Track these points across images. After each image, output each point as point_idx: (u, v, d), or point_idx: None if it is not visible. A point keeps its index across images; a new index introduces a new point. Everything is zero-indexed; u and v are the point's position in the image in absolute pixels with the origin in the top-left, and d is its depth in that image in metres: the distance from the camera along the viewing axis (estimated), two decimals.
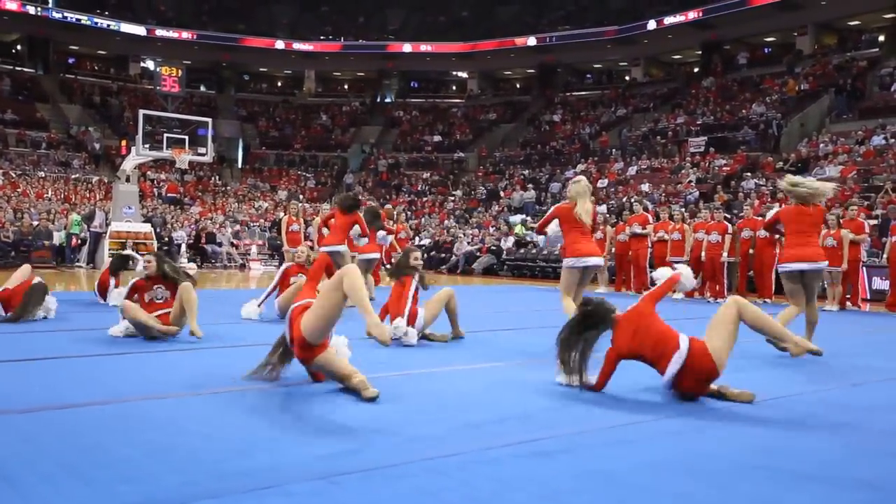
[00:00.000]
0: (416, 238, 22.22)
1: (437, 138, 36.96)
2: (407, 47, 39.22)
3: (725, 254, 12.26)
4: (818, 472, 3.11)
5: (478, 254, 20.71)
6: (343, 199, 10.25)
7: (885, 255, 11.52)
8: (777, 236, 12.13)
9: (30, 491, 2.60)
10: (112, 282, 8.63)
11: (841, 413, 4.25)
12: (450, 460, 3.08)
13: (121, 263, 8.92)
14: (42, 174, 27.95)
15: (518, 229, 21.44)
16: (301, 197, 30.11)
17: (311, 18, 41.28)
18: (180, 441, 3.24)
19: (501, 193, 28.59)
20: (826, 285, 11.69)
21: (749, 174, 21.48)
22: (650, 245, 13.52)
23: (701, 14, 31.30)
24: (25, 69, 35.40)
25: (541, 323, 8.42)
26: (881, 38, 28.93)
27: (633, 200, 17.99)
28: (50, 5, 34.59)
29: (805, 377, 5.41)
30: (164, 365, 5.21)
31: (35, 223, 19.58)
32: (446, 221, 25.90)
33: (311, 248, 18.05)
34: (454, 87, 42.96)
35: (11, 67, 35.09)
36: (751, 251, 12.54)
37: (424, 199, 31.02)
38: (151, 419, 3.66)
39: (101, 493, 2.58)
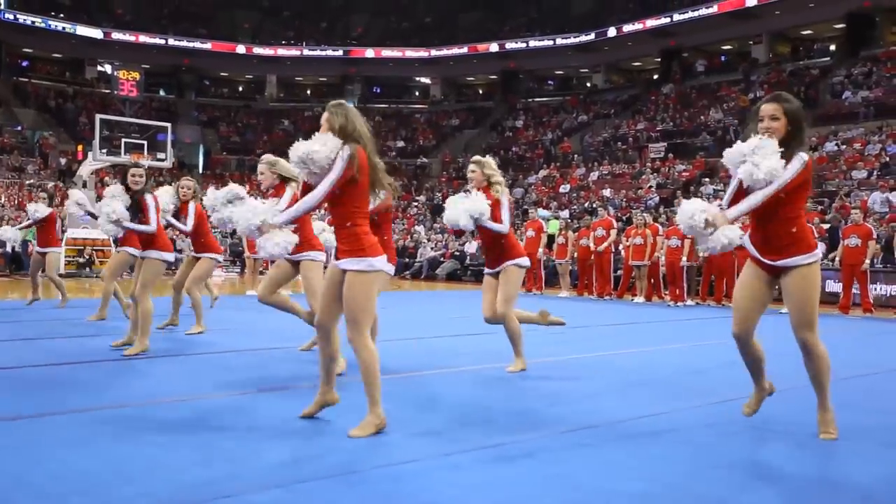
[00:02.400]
0: None
1: (400, 144, 36.95)
2: (370, 53, 39.15)
3: (685, 258, 12.46)
4: (769, 473, 3.18)
5: (441, 259, 20.72)
6: None
7: (837, 259, 11.82)
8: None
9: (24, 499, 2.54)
10: None
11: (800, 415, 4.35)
12: (410, 466, 3.08)
13: None
14: None
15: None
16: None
17: (273, 23, 40.97)
18: (136, 451, 3.20)
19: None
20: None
21: (708, 179, 21.87)
22: (614, 250, 13.70)
23: (660, 22, 31.81)
24: None
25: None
26: (832, 47, 29.74)
27: (595, 205, 18.23)
28: (1, 6, 33.77)
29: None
30: (119, 374, 5.12)
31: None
32: (415, 227, 25.83)
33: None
34: (417, 93, 43.00)
35: None
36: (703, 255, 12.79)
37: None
38: (107, 430, 3.60)
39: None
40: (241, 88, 42.76)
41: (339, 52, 39.21)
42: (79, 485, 2.75)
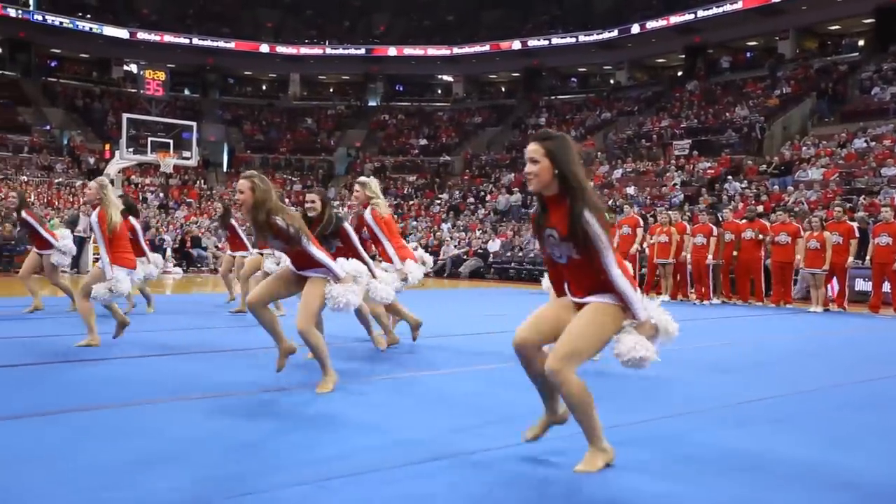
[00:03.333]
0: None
1: (422, 142, 36.96)
2: (392, 51, 39.21)
3: (711, 256, 12.35)
4: (802, 473, 3.14)
5: (464, 257, 20.71)
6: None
7: (867, 258, 11.65)
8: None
9: (16, 499, 2.57)
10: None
11: (819, 414, 4.29)
12: (437, 464, 3.08)
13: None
14: (24, 178, 27.69)
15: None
16: (287, 200, 30.01)
17: (296, 22, 41.18)
18: (167, 447, 3.23)
19: (487, 197, 28.62)
20: (810, 287, 11.82)
21: (731, 177, 21.64)
22: (640, 247, 13.53)
23: (684, 18, 31.53)
24: (6, 72, 35.05)
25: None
26: (861, 42, 29.25)
27: (619, 203, 18.03)
28: (31, 8, 34.27)
29: (782, 380, 5.46)
30: (148, 371, 5.18)
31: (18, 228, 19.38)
32: (443, 225, 25.76)
33: None
34: (440, 91, 43.00)
35: None
36: (734, 253, 12.65)
37: (410, 202, 31.01)
38: (137, 425, 3.64)
39: (88, 501, 2.56)
40: (264, 87, 43.04)
41: (362, 51, 39.33)
42: (110, 479, 2.78)
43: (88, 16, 35.95)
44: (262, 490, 2.71)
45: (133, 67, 36.50)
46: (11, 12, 33.22)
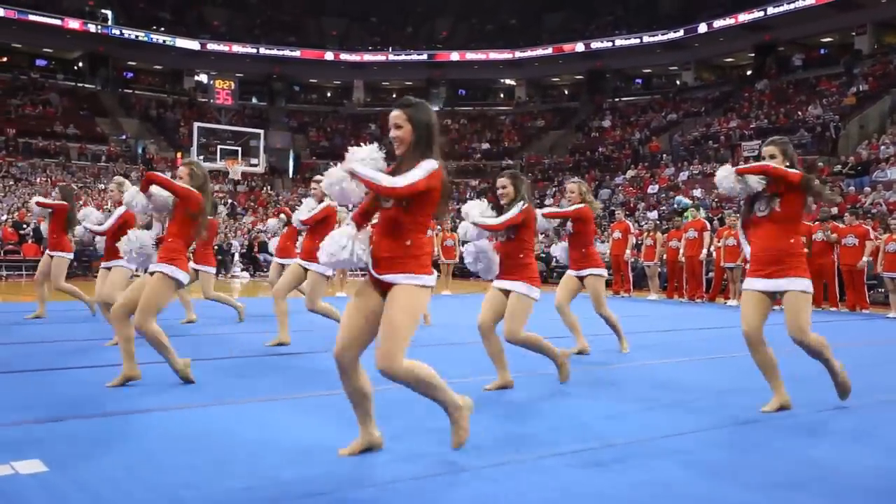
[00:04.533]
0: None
1: (485, 146, 36.97)
2: (454, 56, 39.39)
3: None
4: (875, 485, 3.02)
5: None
6: None
7: None
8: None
9: (98, 494, 2.69)
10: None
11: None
12: (502, 469, 3.09)
13: None
14: (102, 186, 28.84)
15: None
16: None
17: (360, 29, 41.77)
18: (238, 448, 3.32)
19: (550, 200, 28.44)
20: (889, 292, 11.36)
21: None
22: (708, 251, 13.27)
23: (753, 16, 30.72)
24: (86, 85, 36.66)
25: (591, 331, 8.37)
26: None
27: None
28: (109, 23, 35.77)
29: (856, 389, 5.25)
30: (218, 372, 5.33)
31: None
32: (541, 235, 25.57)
33: None
34: (502, 95, 42.96)
35: (73, 84, 36.39)
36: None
37: None
38: (210, 425, 3.76)
39: (164, 498, 2.66)
40: (329, 94, 43.77)
41: (424, 56, 39.61)
42: (185, 478, 2.88)
43: (162, 29, 37.27)
44: (331, 491, 2.76)
45: (203, 78, 37.70)
46: (92, 28, 34.73)
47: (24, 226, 18.81)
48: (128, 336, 4.70)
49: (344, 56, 39.57)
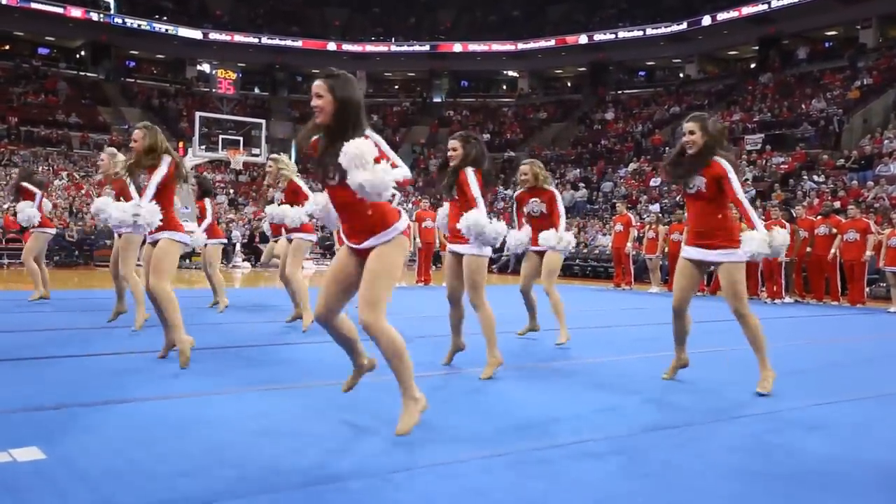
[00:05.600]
0: None
1: (487, 137, 36.89)
2: (457, 47, 39.27)
3: (784, 253, 11.95)
4: (874, 480, 3.02)
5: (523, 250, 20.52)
6: None
7: None
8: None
9: (96, 483, 2.69)
10: None
11: None
12: (499, 460, 3.09)
13: None
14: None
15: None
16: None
17: (362, 20, 41.64)
18: (236, 437, 3.32)
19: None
20: (890, 287, 11.35)
21: (806, 172, 20.90)
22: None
23: (758, 8, 30.58)
24: (88, 74, 36.60)
25: (588, 323, 8.37)
26: None
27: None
28: (112, 12, 35.68)
29: (859, 383, 5.25)
30: (216, 360, 5.33)
31: (98, 223, 20.22)
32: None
33: None
34: (505, 87, 42.85)
35: (75, 72, 36.34)
36: (808, 250, 12.23)
37: None
38: (208, 414, 3.76)
39: (163, 487, 2.66)
40: None
41: (427, 48, 39.50)
42: (183, 467, 2.88)
43: (165, 18, 37.18)
44: (329, 482, 2.76)
45: (206, 67, 37.59)
46: (94, 16, 34.66)
47: None
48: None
49: (346, 47, 39.48)
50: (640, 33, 35.03)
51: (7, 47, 35.83)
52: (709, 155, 4.48)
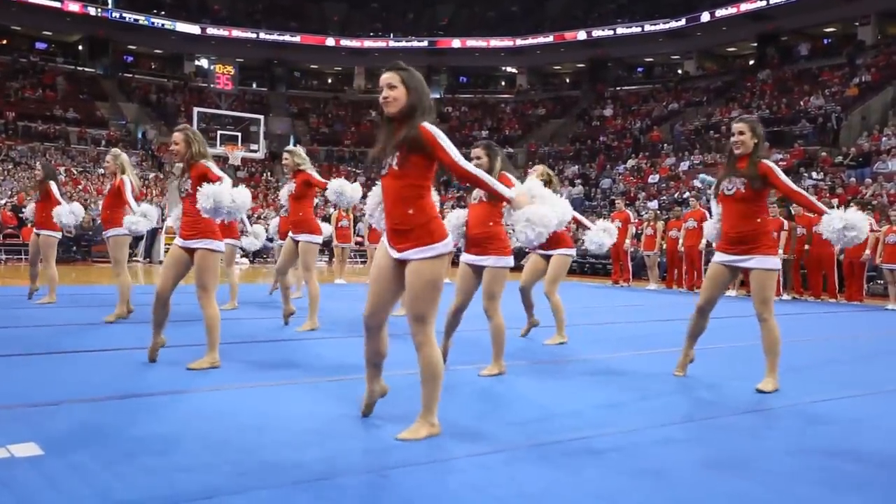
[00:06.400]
0: None
1: (486, 134, 36.87)
2: (455, 43, 39.21)
3: (781, 251, 11.97)
4: (873, 476, 3.02)
5: (527, 250, 20.56)
6: None
7: None
8: None
9: (94, 478, 2.69)
10: None
11: None
12: (498, 456, 3.09)
13: None
14: (102, 171, 28.77)
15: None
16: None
17: (361, 15, 41.56)
18: (235, 433, 3.32)
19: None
20: (888, 284, 11.36)
21: (804, 169, 20.90)
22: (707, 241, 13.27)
23: (756, 5, 30.56)
24: (86, 69, 36.48)
25: (586, 320, 8.37)
26: None
27: (688, 196, 17.73)
28: (109, 6, 35.56)
29: (857, 379, 5.26)
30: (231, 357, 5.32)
31: (95, 219, 20.17)
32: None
33: (360, 243, 18.27)
34: (503, 83, 42.80)
35: (73, 67, 36.22)
36: (806, 248, 12.24)
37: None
38: (207, 410, 3.76)
39: (159, 481, 2.66)
40: (329, 80, 43.62)
41: (425, 43, 39.44)
42: (181, 462, 2.88)
43: (163, 13, 37.06)
44: (326, 478, 2.76)
45: (204, 62, 37.53)
46: (92, 11, 34.55)
47: (24, 209, 18.77)
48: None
49: (344, 42, 39.40)
50: (639, 29, 35.01)
51: (4, 41, 35.71)
52: (755, 156, 4.51)
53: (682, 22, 33.46)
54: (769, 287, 4.52)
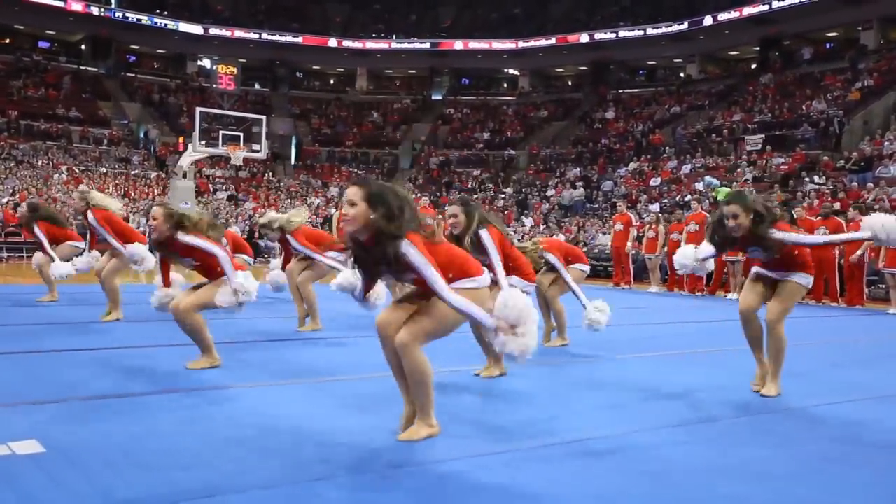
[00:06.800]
0: None
1: (487, 136, 36.88)
2: (458, 45, 39.21)
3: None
4: (874, 480, 3.02)
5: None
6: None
7: None
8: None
9: (95, 476, 2.69)
10: None
11: None
12: (498, 456, 3.09)
13: None
14: (104, 170, 28.82)
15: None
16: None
17: (363, 16, 41.58)
18: (235, 432, 3.32)
19: (552, 191, 28.40)
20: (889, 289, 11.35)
21: (806, 173, 20.89)
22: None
23: (759, 9, 30.57)
24: (89, 68, 36.51)
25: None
26: None
27: (689, 199, 17.70)
28: (112, 6, 35.59)
29: (857, 384, 5.25)
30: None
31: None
32: (521, 218, 25.64)
33: None
34: (505, 85, 42.80)
35: (76, 67, 36.23)
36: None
37: (475, 196, 30.99)
38: (207, 409, 3.76)
39: (159, 480, 2.66)
40: (332, 81, 43.63)
41: (427, 45, 39.44)
42: (180, 460, 2.88)
43: (165, 13, 37.09)
44: (326, 477, 2.76)
45: (206, 63, 37.56)
46: (95, 10, 34.59)
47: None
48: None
49: (347, 43, 39.41)
50: (641, 33, 35.01)
51: (7, 41, 35.75)
52: (760, 231, 4.34)
53: (685, 25, 33.46)
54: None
